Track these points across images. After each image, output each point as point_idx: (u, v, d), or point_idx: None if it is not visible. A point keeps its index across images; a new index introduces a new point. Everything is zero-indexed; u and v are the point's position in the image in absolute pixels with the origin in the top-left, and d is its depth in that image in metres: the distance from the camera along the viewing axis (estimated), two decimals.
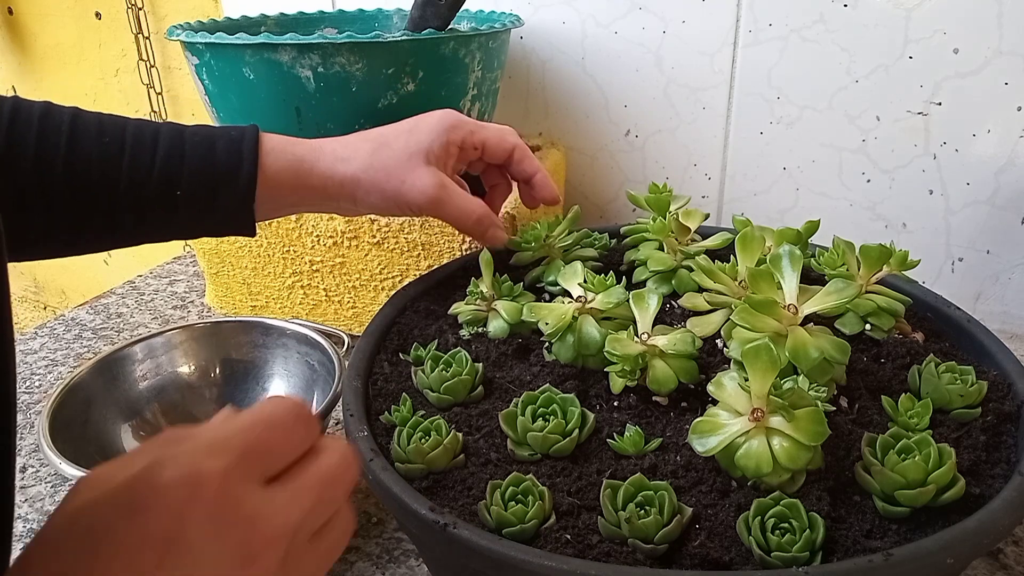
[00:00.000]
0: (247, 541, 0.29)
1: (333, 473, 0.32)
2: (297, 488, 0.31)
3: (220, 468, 0.29)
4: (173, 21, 0.87)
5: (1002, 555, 0.54)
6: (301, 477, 0.31)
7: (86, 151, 0.49)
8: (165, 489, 0.28)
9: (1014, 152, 0.75)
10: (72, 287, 1.62)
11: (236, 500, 0.29)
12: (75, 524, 0.28)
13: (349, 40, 0.64)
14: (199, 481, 0.29)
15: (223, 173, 0.51)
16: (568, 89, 0.92)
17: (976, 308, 0.82)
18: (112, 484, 0.29)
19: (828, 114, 0.81)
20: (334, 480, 0.32)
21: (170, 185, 0.50)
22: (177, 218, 0.52)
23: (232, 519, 0.29)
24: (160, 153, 0.50)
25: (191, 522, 0.28)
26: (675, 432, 0.44)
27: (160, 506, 0.28)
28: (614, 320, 0.50)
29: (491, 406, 0.47)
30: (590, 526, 0.39)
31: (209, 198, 0.51)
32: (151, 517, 0.28)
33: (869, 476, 0.39)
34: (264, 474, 0.31)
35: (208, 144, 0.51)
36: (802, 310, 0.45)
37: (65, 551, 0.27)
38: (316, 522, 0.32)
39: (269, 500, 0.30)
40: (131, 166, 0.50)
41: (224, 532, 0.29)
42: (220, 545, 0.29)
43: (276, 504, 0.30)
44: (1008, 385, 0.46)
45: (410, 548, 0.55)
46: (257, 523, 0.29)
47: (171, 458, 0.29)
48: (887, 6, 0.75)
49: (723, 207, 0.91)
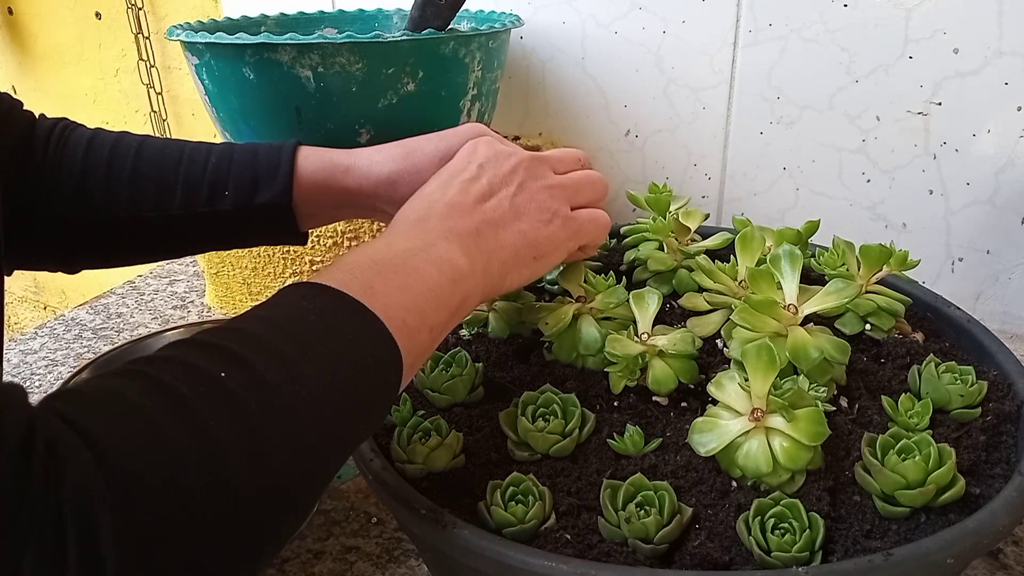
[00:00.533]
0: (507, 149, 0.48)
1: (597, 178, 0.51)
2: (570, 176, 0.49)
3: (525, 152, 0.48)
4: (173, 21, 0.87)
5: (1002, 555, 0.54)
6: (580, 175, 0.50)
7: (149, 157, 0.55)
8: (481, 151, 0.48)
9: (1014, 152, 0.75)
10: (72, 287, 1.62)
11: (493, 138, 0.49)
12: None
13: (349, 40, 0.63)
14: (508, 150, 0.48)
15: (263, 171, 0.55)
16: (568, 89, 0.92)
17: (976, 308, 0.82)
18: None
19: (828, 114, 0.81)
20: (599, 181, 0.51)
21: (218, 186, 0.54)
22: (225, 221, 0.55)
23: (495, 142, 0.48)
24: (212, 160, 0.55)
25: (479, 143, 0.49)
26: (675, 432, 0.44)
27: (480, 158, 0.47)
28: (614, 320, 0.50)
29: (491, 406, 0.47)
30: (590, 526, 0.39)
31: (251, 194, 0.54)
32: (481, 172, 0.46)
33: (869, 476, 0.39)
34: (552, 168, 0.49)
35: (253, 149, 0.56)
36: (802, 310, 0.45)
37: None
38: (557, 161, 0.50)
39: (515, 146, 0.49)
40: (186, 171, 0.54)
41: (494, 144, 0.48)
42: (493, 149, 0.48)
43: (558, 178, 0.48)
44: (1008, 385, 0.46)
45: (410, 548, 0.55)
46: (509, 145, 0.48)
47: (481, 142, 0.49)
48: (887, 6, 0.75)
49: (723, 207, 0.91)
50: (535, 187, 0.47)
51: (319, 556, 0.55)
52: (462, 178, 0.46)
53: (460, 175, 0.47)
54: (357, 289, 0.36)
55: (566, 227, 0.46)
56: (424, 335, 0.38)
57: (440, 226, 0.43)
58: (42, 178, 0.54)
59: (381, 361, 0.35)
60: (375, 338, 0.35)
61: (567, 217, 0.47)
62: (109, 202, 0.54)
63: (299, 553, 0.56)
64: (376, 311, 0.35)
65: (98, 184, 0.54)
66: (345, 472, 0.64)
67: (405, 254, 0.40)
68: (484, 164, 0.47)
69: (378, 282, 0.37)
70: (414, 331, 0.37)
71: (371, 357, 0.34)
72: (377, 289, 0.37)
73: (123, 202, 0.54)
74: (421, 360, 0.39)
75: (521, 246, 0.44)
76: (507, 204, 0.45)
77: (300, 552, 0.56)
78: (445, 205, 0.44)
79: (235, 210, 0.54)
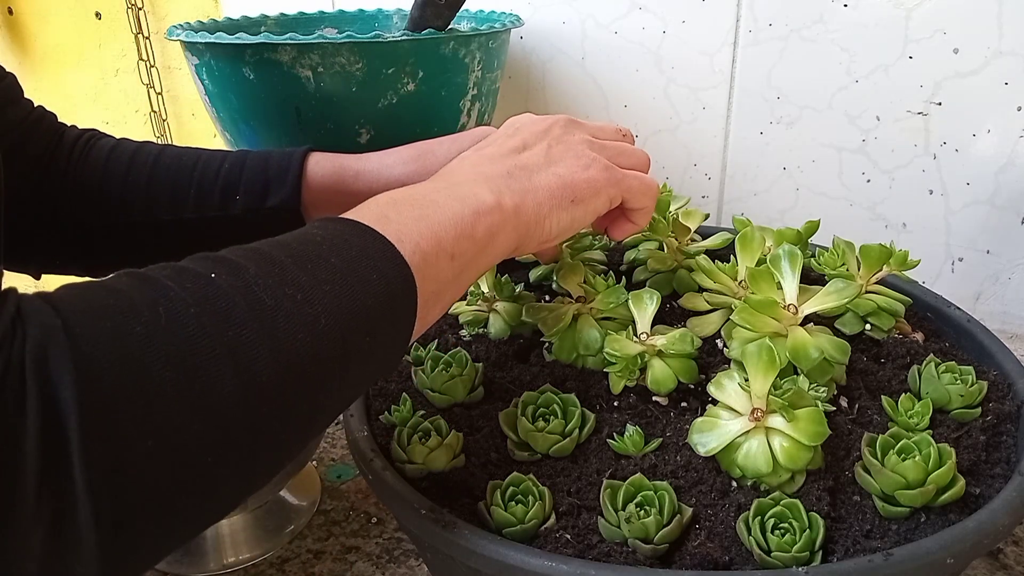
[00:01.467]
0: (546, 117, 0.48)
1: (638, 148, 0.50)
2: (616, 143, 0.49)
3: (563, 117, 0.48)
4: (173, 21, 0.87)
5: (1002, 555, 0.54)
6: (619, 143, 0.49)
7: (166, 164, 0.56)
8: (520, 119, 0.48)
9: (1014, 152, 0.75)
10: None
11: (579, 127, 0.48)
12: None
13: (349, 40, 0.64)
14: (547, 116, 0.48)
15: (274, 176, 0.55)
16: (568, 89, 0.92)
17: (976, 308, 0.82)
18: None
19: (828, 114, 0.81)
20: (639, 151, 0.50)
21: (230, 190, 0.55)
22: (236, 224, 0.55)
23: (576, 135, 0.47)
24: (225, 166, 0.56)
25: (524, 118, 0.48)
26: (675, 432, 0.44)
27: (518, 124, 0.48)
28: (614, 320, 0.50)
29: (491, 406, 0.47)
30: (590, 526, 0.39)
31: (261, 198, 0.55)
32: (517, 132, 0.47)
33: (869, 476, 0.39)
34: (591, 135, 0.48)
35: (265, 155, 0.57)
36: (802, 310, 0.45)
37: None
38: (596, 129, 0.49)
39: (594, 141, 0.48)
40: (200, 176, 0.56)
41: (534, 117, 0.48)
42: (532, 118, 0.48)
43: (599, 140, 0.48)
44: (1008, 385, 0.46)
45: (410, 548, 0.55)
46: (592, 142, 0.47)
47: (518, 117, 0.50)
48: (887, 6, 0.75)
49: (723, 207, 0.91)
50: (572, 139, 0.46)
51: (319, 556, 0.55)
52: (498, 136, 0.47)
53: (497, 136, 0.47)
54: (370, 218, 0.36)
55: (607, 174, 0.45)
56: (444, 261, 0.37)
57: (470, 171, 0.43)
58: (65, 185, 0.55)
59: (387, 278, 0.34)
60: (382, 257, 0.35)
61: (608, 166, 0.45)
62: (126, 207, 0.55)
63: (299, 553, 0.56)
64: (387, 235, 0.35)
65: (115, 189, 0.55)
66: (345, 472, 0.64)
67: (426, 190, 0.40)
68: (520, 127, 0.47)
69: (392, 212, 0.37)
70: (429, 255, 0.36)
71: (376, 273, 0.34)
72: (391, 217, 0.37)
73: (139, 206, 0.55)
74: (448, 288, 0.39)
75: (557, 187, 0.43)
76: (543, 153, 0.45)
77: (300, 552, 0.56)
78: (478, 156, 0.45)
79: (246, 213, 0.55)
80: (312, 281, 0.31)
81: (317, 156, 0.57)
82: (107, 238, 0.56)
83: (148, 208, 0.55)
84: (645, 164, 0.49)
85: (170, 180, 0.55)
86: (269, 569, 0.54)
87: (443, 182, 0.42)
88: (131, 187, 0.55)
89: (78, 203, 0.55)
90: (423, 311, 0.36)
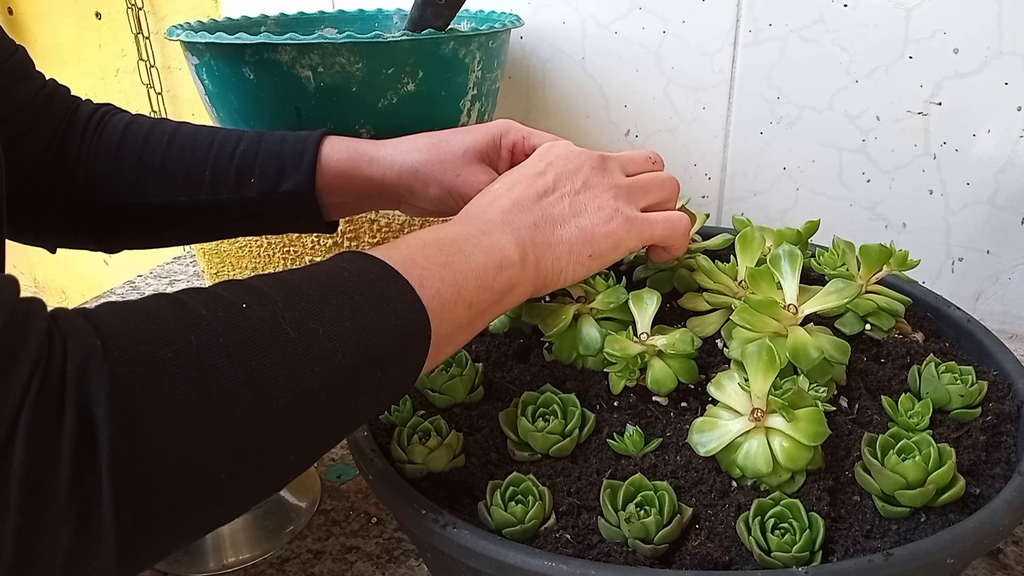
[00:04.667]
0: (580, 151, 0.48)
1: (662, 175, 0.50)
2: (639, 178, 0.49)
3: (595, 153, 0.48)
4: (173, 21, 0.87)
5: (1002, 555, 0.54)
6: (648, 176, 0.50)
7: (181, 144, 0.56)
8: (554, 151, 0.49)
9: (1014, 152, 0.75)
10: (72, 287, 1.62)
11: (609, 168, 0.48)
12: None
13: (349, 40, 0.64)
14: (579, 151, 0.48)
15: (289, 159, 0.55)
16: (568, 89, 0.92)
17: (976, 308, 0.82)
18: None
19: (828, 114, 0.81)
20: (661, 176, 0.50)
21: (245, 173, 0.55)
22: (250, 207, 0.56)
23: (571, 146, 0.49)
24: (240, 148, 0.56)
25: (556, 150, 0.49)
26: (675, 432, 0.44)
27: (550, 157, 0.48)
28: (614, 320, 0.50)
29: (491, 406, 0.47)
30: (590, 526, 0.39)
31: (276, 182, 0.55)
32: (548, 169, 0.47)
33: (869, 476, 0.39)
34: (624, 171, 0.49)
35: (280, 138, 0.57)
36: (802, 310, 0.45)
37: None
38: (627, 162, 0.50)
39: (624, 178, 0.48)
40: (215, 158, 0.56)
41: (571, 151, 0.48)
42: (566, 155, 0.48)
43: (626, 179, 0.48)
44: (1008, 385, 0.46)
45: (410, 548, 0.55)
46: (585, 149, 0.49)
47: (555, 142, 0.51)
48: (887, 6, 0.75)
49: (723, 207, 0.91)
50: (600, 185, 0.47)
51: (319, 556, 0.55)
52: (529, 172, 0.47)
53: (528, 171, 0.47)
54: (398, 259, 0.38)
55: (628, 226, 0.46)
56: (461, 309, 0.39)
57: (499, 217, 0.44)
58: (79, 161, 0.55)
59: (404, 320, 0.36)
60: (402, 300, 0.36)
61: (630, 217, 0.46)
62: (139, 187, 0.55)
63: (299, 553, 0.56)
64: (410, 279, 0.37)
65: (129, 168, 0.55)
66: (345, 472, 0.64)
67: (456, 236, 0.41)
68: (553, 162, 0.47)
69: (419, 255, 0.39)
70: (448, 302, 0.38)
71: (394, 315, 0.36)
72: (417, 261, 0.38)
73: (153, 187, 0.55)
74: (461, 332, 0.40)
75: (577, 243, 0.44)
76: (568, 200, 0.46)
77: (300, 552, 0.56)
78: (509, 200, 0.45)
79: (260, 196, 0.55)
80: (335, 316, 0.33)
81: (333, 140, 0.57)
82: (121, 216, 0.56)
83: (162, 189, 0.55)
84: (674, 192, 0.50)
85: (184, 161, 0.55)
86: (269, 569, 0.54)
87: (472, 227, 0.43)
88: (145, 167, 0.55)
89: (92, 180, 0.55)
90: (435, 350, 0.38)
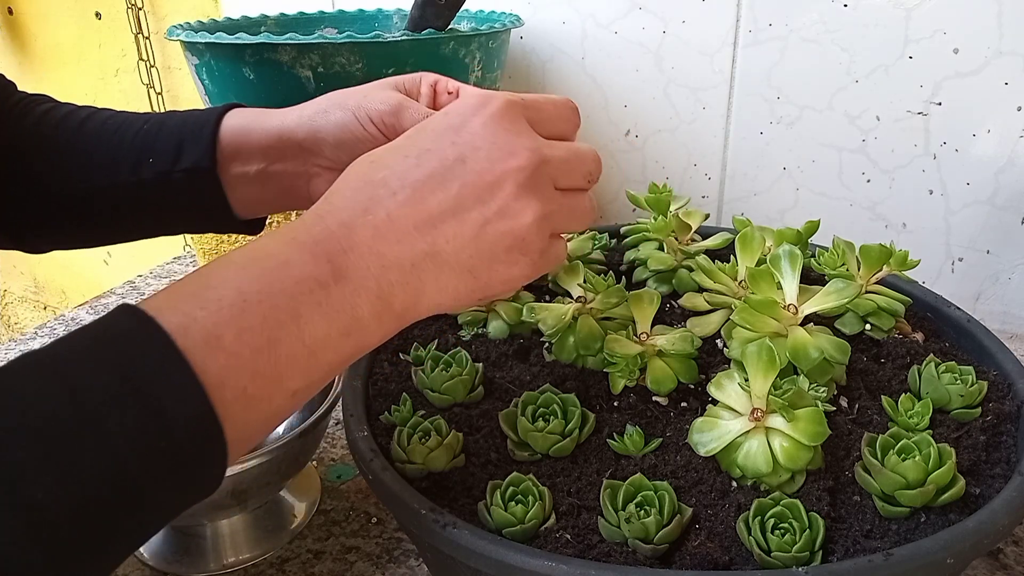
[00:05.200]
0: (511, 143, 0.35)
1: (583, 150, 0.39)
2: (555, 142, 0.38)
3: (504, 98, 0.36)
4: (173, 21, 0.87)
5: (1002, 555, 0.54)
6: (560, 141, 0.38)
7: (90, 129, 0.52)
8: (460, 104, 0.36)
9: (1014, 152, 0.75)
10: (72, 287, 1.62)
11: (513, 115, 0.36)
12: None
13: (349, 40, 0.64)
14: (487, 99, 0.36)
15: (189, 134, 0.50)
16: (568, 89, 0.92)
17: (976, 308, 0.82)
18: None
19: (828, 114, 0.81)
20: (583, 153, 0.39)
21: (144, 154, 0.50)
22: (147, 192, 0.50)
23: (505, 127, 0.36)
24: (144, 127, 0.51)
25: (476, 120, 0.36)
26: (675, 432, 0.44)
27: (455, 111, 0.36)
28: (614, 320, 0.50)
29: (491, 406, 0.47)
30: (590, 526, 0.39)
31: (175, 158, 0.50)
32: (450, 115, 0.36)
33: (869, 476, 0.39)
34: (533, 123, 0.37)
35: (186, 116, 0.52)
36: (802, 310, 0.45)
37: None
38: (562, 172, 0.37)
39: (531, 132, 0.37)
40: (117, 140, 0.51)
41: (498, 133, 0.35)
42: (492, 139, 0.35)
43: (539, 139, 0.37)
44: (1008, 385, 0.46)
45: (410, 548, 0.55)
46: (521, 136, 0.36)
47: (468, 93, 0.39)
48: (887, 6, 0.75)
49: (723, 207, 0.91)
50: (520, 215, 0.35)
51: (319, 556, 0.55)
52: (429, 168, 0.35)
53: (429, 160, 0.35)
54: (198, 337, 0.28)
55: (534, 270, 0.37)
56: (279, 401, 0.31)
57: (367, 249, 0.33)
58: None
59: (180, 443, 0.27)
60: (183, 411, 0.27)
61: (539, 260, 0.37)
62: (45, 177, 0.51)
63: (299, 553, 0.56)
64: (206, 373, 0.27)
65: (37, 158, 0.52)
66: (345, 472, 0.64)
67: (294, 286, 0.31)
68: (468, 157, 0.35)
69: (230, 332, 0.28)
70: (258, 400, 0.29)
71: (166, 439, 0.26)
72: (225, 342, 0.28)
73: (56, 176, 0.51)
74: (270, 424, 0.32)
75: (464, 292, 0.35)
76: (470, 238, 0.34)
77: (300, 552, 0.56)
78: (386, 216, 0.34)
79: (157, 177, 0.50)
80: (54, 496, 0.24)
81: (239, 109, 0.51)
82: (28, 209, 0.53)
83: (64, 178, 0.51)
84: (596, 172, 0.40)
85: (88, 147, 0.51)
86: (269, 569, 0.54)
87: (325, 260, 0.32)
88: (52, 155, 0.51)
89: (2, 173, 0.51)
90: (236, 453, 0.29)
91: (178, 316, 0.28)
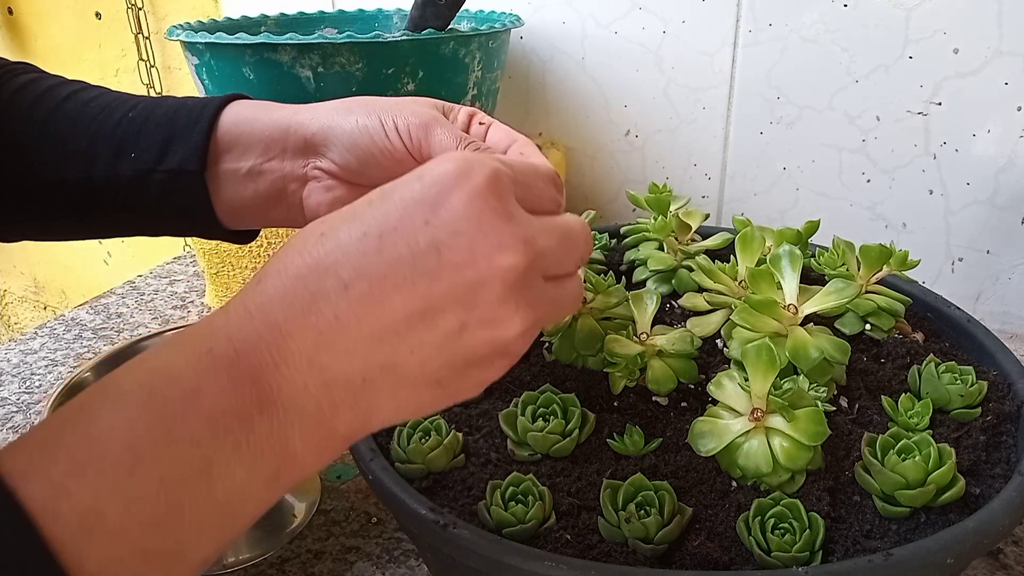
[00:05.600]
0: (500, 231, 0.28)
1: (576, 230, 0.32)
2: (547, 223, 0.31)
3: (491, 167, 0.29)
4: (173, 21, 0.87)
5: (1002, 555, 0.54)
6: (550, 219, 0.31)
7: (68, 111, 0.46)
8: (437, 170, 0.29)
9: (1014, 152, 0.75)
10: (72, 287, 1.62)
11: (501, 192, 0.29)
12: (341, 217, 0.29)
13: (349, 40, 0.64)
14: (470, 168, 0.29)
15: (181, 128, 0.44)
16: (568, 89, 0.92)
17: (976, 308, 0.82)
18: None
19: (828, 114, 0.81)
20: (575, 236, 0.32)
21: (126, 146, 0.44)
22: (124, 190, 0.45)
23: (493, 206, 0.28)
24: (131, 113, 0.45)
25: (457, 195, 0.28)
26: (675, 432, 0.44)
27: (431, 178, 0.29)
28: (614, 320, 0.50)
29: (491, 406, 0.47)
30: (590, 526, 0.39)
31: (159, 157, 0.44)
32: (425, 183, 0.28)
33: (869, 476, 0.39)
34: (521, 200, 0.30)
35: (179, 103, 0.46)
36: (802, 310, 0.45)
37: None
38: (554, 262, 0.31)
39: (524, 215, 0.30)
40: (99, 126, 0.45)
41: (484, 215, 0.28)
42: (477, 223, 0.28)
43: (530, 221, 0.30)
44: (1008, 385, 0.46)
45: (410, 548, 0.55)
46: (513, 221, 0.29)
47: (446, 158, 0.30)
48: (887, 6, 0.75)
49: (723, 207, 0.91)
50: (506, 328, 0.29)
51: (319, 556, 0.55)
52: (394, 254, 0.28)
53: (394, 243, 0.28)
54: (71, 519, 0.22)
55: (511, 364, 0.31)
56: (179, 572, 0.25)
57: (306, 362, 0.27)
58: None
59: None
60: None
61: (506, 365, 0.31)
62: (16, 161, 0.46)
63: (299, 553, 0.56)
64: (81, 571, 0.22)
65: (5, 138, 0.45)
66: (345, 472, 0.64)
67: (204, 433, 0.24)
68: (445, 245, 0.28)
69: (115, 505, 0.23)
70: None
71: None
72: (108, 520, 0.22)
73: (24, 162, 0.45)
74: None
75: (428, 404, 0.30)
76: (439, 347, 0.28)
77: (300, 552, 0.56)
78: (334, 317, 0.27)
79: (136, 176, 0.44)
80: None
81: (242, 102, 0.46)
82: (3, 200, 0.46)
83: (31, 165, 0.45)
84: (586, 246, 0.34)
85: (62, 131, 0.45)
86: (269, 569, 0.54)
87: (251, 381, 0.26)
88: (21, 137, 0.45)
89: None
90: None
91: (47, 487, 0.22)
